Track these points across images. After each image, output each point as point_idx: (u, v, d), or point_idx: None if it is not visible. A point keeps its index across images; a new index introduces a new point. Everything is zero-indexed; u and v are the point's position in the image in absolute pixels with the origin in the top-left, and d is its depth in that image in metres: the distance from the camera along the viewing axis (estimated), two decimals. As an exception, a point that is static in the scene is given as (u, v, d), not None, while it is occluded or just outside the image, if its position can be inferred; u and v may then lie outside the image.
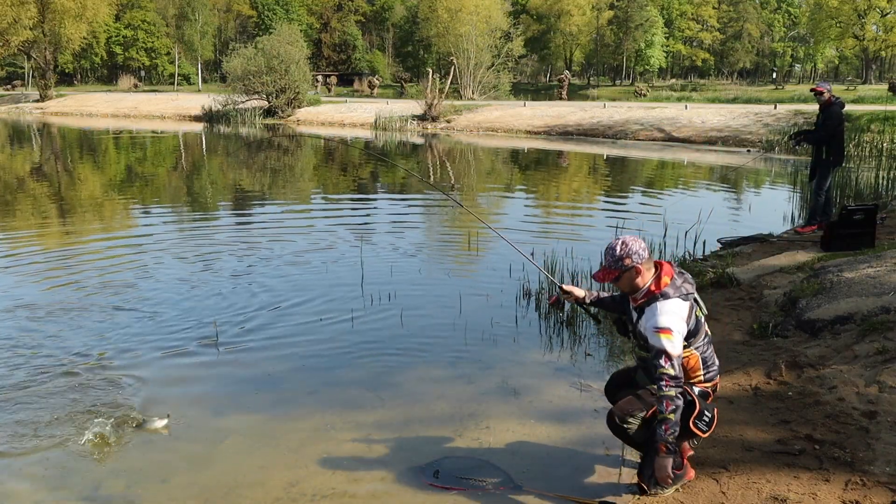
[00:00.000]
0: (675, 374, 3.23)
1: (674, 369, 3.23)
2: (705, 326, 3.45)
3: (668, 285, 3.34)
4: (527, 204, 14.05)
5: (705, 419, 3.34)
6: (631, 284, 3.41)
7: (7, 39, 49.44)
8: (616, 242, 3.40)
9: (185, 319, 6.54)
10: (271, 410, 4.77)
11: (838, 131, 8.83)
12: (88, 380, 5.19)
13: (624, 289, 3.46)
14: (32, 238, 10.34)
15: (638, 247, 3.36)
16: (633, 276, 3.37)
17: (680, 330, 3.27)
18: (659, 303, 3.31)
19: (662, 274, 3.37)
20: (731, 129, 25.70)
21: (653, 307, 3.32)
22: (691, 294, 3.37)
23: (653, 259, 3.43)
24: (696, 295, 3.41)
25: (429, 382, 5.24)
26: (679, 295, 3.32)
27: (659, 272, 3.38)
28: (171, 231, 10.92)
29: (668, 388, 3.23)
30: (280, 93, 37.45)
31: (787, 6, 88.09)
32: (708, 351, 3.44)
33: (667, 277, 3.36)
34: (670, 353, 3.23)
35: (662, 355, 3.24)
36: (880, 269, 5.99)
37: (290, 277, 7.96)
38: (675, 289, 3.33)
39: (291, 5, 77.83)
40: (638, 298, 3.42)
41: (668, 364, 3.23)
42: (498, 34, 49.18)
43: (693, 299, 3.38)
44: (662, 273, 3.37)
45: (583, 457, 4.12)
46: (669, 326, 3.25)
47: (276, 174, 19.06)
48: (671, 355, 3.23)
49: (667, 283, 3.34)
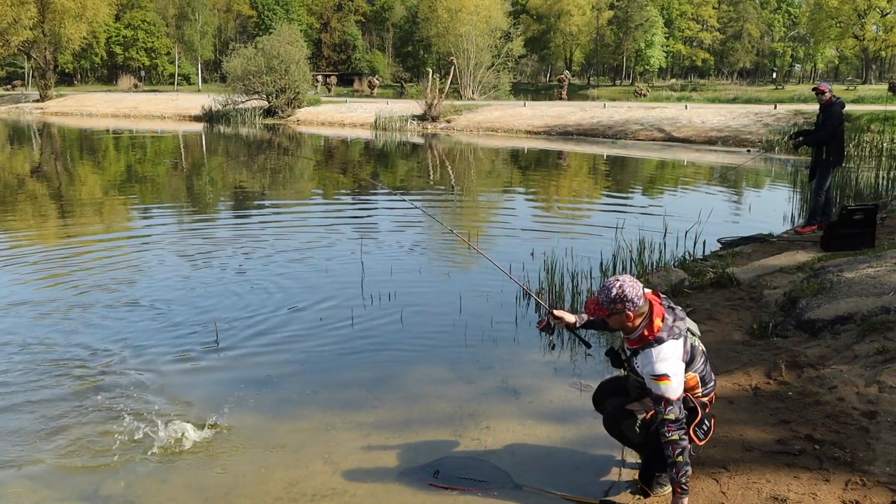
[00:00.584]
0: (677, 417, 3.24)
1: (674, 414, 3.23)
2: (701, 347, 3.44)
3: (661, 329, 3.30)
4: (526, 204, 14.05)
5: (704, 428, 3.38)
6: (622, 326, 3.38)
7: (7, 39, 49.45)
8: (614, 284, 3.32)
9: (185, 319, 6.54)
10: (271, 410, 4.77)
11: (838, 131, 8.83)
12: (92, 381, 5.19)
13: (615, 327, 3.43)
14: (31, 238, 10.34)
15: (634, 294, 3.28)
16: (623, 319, 3.34)
17: (677, 372, 3.26)
18: (654, 349, 3.27)
19: (654, 316, 3.31)
20: (731, 129, 25.70)
21: (647, 353, 3.28)
22: (683, 331, 3.34)
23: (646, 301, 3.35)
24: (688, 325, 3.39)
25: (429, 382, 5.24)
26: (672, 336, 3.29)
27: (650, 314, 3.32)
28: (170, 231, 10.91)
29: (671, 433, 3.23)
30: (280, 93, 37.46)
31: (787, 6, 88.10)
32: (705, 370, 3.46)
33: (658, 320, 3.31)
34: (670, 398, 3.23)
35: (662, 401, 3.24)
36: (880, 269, 5.99)
37: (289, 277, 7.96)
38: (668, 331, 3.29)
39: (291, 5, 77.83)
40: (631, 339, 3.39)
41: (668, 409, 3.23)
42: (498, 34, 49.18)
43: (687, 331, 3.36)
44: (654, 315, 3.32)
45: (583, 457, 4.12)
46: (667, 373, 3.23)
47: (276, 174, 19.06)
48: (671, 400, 3.23)
49: (660, 328, 3.30)
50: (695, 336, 3.43)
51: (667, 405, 3.22)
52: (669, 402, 3.22)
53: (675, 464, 3.26)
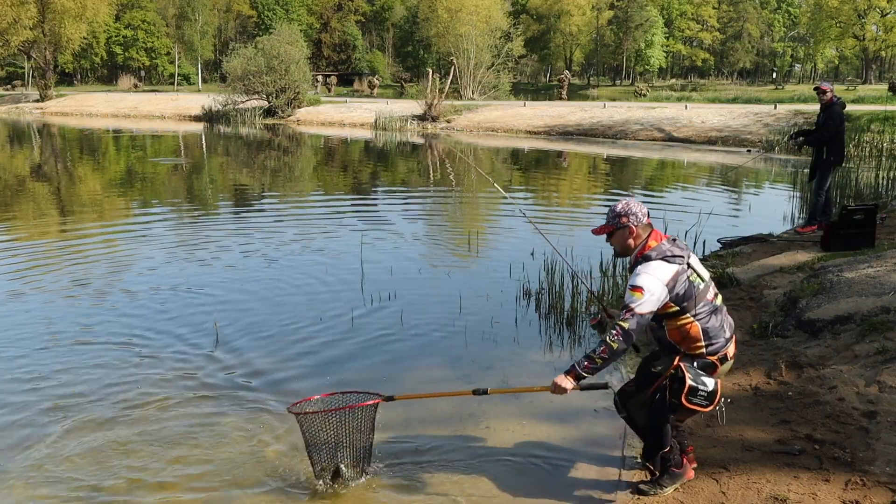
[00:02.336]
0: (630, 329, 3.24)
1: (630, 324, 3.24)
2: (708, 295, 3.39)
3: (653, 248, 3.37)
4: (526, 204, 14.05)
5: (701, 394, 3.27)
6: (622, 244, 3.47)
7: (7, 39, 49.42)
8: (619, 202, 3.50)
9: (185, 319, 6.54)
10: (271, 410, 4.76)
11: (839, 131, 8.83)
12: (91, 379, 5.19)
13: (616, 247, 3.52)
14: (30, 237, 10.35)
15: (638, 209, 3.43)
16: (625, 235, 3.44)
17: (654, 291, 3.26)
18: (640, 265, 3.35)
19: (650, 239, 3.42)
20: (731, 129, 25.69)
21: (636, 269, 3.36)
22: (680, 258, 3.35)
23: (651, 228, 3.46)
24: (690, 261, 3.39)
25: (429, 382, 5.24)
26: (661, 256, 3.33)
27: (648, 238, 3.42)
28: (170, 230, 10.91)
29: (616, 338, 3.25)
30: (280, 93, 37.43)
31: (787, 6, 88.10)
32: (710, 321, 3.37)
33: (653, 241, 3.40)
34: (634, 310, 3.25)
35: (625, 309, 3.27)
36: (880, 269, 5.99)
37: (289, 277, 7.96)
38: (658, 251, 3.35)
39: (291, 5, 77.81)
40: (629, 264, 3.50)
41: (627, 316, 3.25)
42: (498, 34, 49.13)
43: (686, 264, 3.36)
44: (651, 238, 3.42)
45: (583, 457, 4.12)
46: (642, 285, 3.27)
47: (276, 174, 19.06)
48: (634, 312, 3.25)
49: (651, 247, 3.38)
50: (702, 279, 3.39)
51: (627, 312, 3.26)
52: (631, 311, 3.25)
53: (590, 357, 3.29)
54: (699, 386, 3.28)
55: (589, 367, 3.30)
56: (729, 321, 3.49)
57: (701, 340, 3.37)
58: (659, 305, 3.29)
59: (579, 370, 3.32)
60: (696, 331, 3.35)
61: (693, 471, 3.65)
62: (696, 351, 3.39)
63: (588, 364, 3.30)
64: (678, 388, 3.29)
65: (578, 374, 3.32)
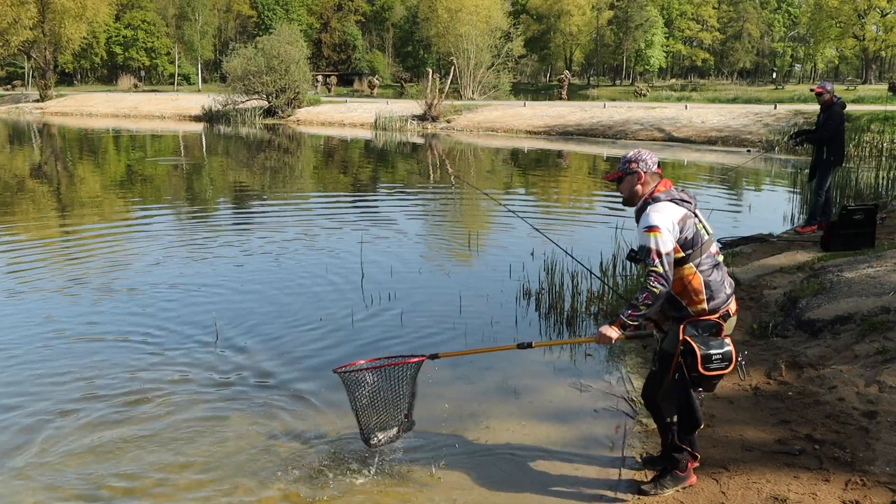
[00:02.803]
0: (665, 271, 3.25)
1: (663, 266, 3.25)
2: (712, 248, 3.43)
3: (661, 192, 3.44)
4: (526, 203, 14.05)
5: (717, 358, 3.27)
6: (631, 190, 3.52)
7: (7, 39, 49.43)
8: (633, 151, 3.56)
9: (185, 319, 6.54)
10: (271, 410, 4.76)
11: (839, 131, 8.84)
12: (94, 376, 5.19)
13: (624, 194, 3.57)
14: (28, 237, 10.35)
15: (648, 157, 3.50)
16: (633, 181, 3.49)
17: (669, 228, 3.31)
18: (650, 206, 3.40)
19: (659, 185, 3.48)
20: (731, 129, 25.70)
21: (645, 212, 3.40)
22: (689, 203, 3.42)
23: (661, 178, 3.52)
24: (696, 211, 3.45)
25: (429, 382, 5.23)
26: (670, 199, 3.40)
27: (656, 185, 3.48)
28: (170, 230, 10.91)
29: (655, 283, 3.25)
30: (280, 93, 37.44)
31: (787, 6, 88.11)
32: (713, 275, 3.38)
33: (662, 187, 3.47)
34: (659, 250, 3.27)
35: (652, 252, 3.28)
36: (880, 269, 5.99)
37: (290, 277, 7.96)
38: (667, 195, 3.42)
39: (291, 5, 77.81)
40: (637, 211, 3.52)
41: (657, 261, 3.26)
42: (498, 34, 49.14)
43: (692, 211, 3.42)
44: (659, 185, 3.48)
45: (583, 457, 4.12)
46: (657, 224, 3.30)
47: (276, 173, 19.06)
48: (660, 252, 3.27)
49: (660, 190, 3.45)
50: (707, 231, 3.42)
51: (656, 256, 3.26)
52: (659, 253, 3.26)
53: (636, 306, 3.28)
54: (711, 352, 3.28)
55: (633, 315, 3.30)
56: (730, 280, 3.49)
57: (702, 293, 3.36)
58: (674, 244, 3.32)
59: (624, 319, 3.32)
60: (698, 282, 3.36)
61: (695, 477, 3.64)
62: (698, 305, 3.37)
63: (632, 312, 3.30)
64: (692, 361, 3.28)
65: (624, 322, 3.33)
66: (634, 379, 5.10)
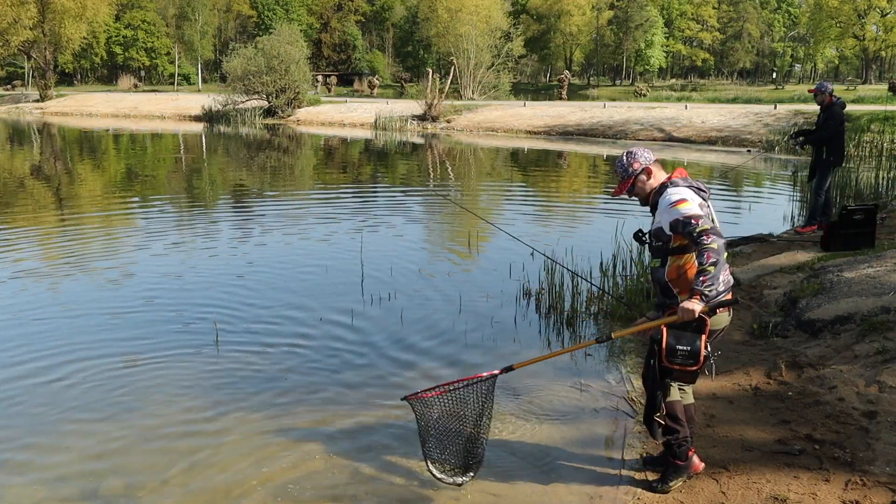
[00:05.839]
0: (712, 226, 3.22)
1: (707, 224, 3.20)
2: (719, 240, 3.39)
3: (678, 178, 3.46)
4: (526, 203, 14.05)
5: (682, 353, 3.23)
6: (644, 188, 3.52)
7: (7, 39, 49.43)
8: (622, 155, 3.55)
9: (185, 318, 6.54)
10: (271, 410, 4.76)
11: (839, 131, 8.84)
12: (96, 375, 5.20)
13: (640, 196, 3.56)
14: (27, 236, 10.35)
15: (643, 151, 3.52)
16: (644, 179, 3.50)
17: (695, 200, 3.31)
18: (669, 189, 3.41)
19: (675, 173, 3.51)
20: (731, 129, 25.70)
21: (664, 195, 3.40)
22: (703, 193, 3.44)
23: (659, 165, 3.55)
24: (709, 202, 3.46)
25: (429, 382, 5.23)
26: (688, 185, 3.42)
27: (671, 174, 3.51)
28: (169, 230, 10.91)
29: (709, 239, 3.16)
30: (280, 93, 37.45)
31: (787, 6, 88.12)
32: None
33: (678, 174, 3.49)
34: (694, 213, 3.24)
35: (691, 219, 3.22)
36: (880, 269, 5.99)
37: (290, 277, 7.96)
38: (684, 181, 3.44)
39: (291, 5, 77.83)
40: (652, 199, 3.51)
41: (698, 224, 3.20)
42: (498, 34, 49.15)
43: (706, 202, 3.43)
44: (675, 173, 3.51)
45: (583, 457, 4.12)
46: (683, 196, 3.31)
47: (276, 173, 19.06)
48: (696, 215, 3.23)
49: (677, 177, 3.47)
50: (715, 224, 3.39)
51: (696, 220, 3.22)
52: (697, 216, 3.23)
53: (705, 271, 3.15)
54: (678, 346, 3.24)
55: (706, 280, 3.16)
56: (729, 278, 3.42)
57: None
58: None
59: (700, 288, 3.17)
60: (693, 272, 3.33)
61: (702, 464, 3.64)
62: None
63: (704, 278, 3.17)
64: (659, 350, 3.30)
65: (701, 291, 3.17)
66: (634, 379, 5.09)
